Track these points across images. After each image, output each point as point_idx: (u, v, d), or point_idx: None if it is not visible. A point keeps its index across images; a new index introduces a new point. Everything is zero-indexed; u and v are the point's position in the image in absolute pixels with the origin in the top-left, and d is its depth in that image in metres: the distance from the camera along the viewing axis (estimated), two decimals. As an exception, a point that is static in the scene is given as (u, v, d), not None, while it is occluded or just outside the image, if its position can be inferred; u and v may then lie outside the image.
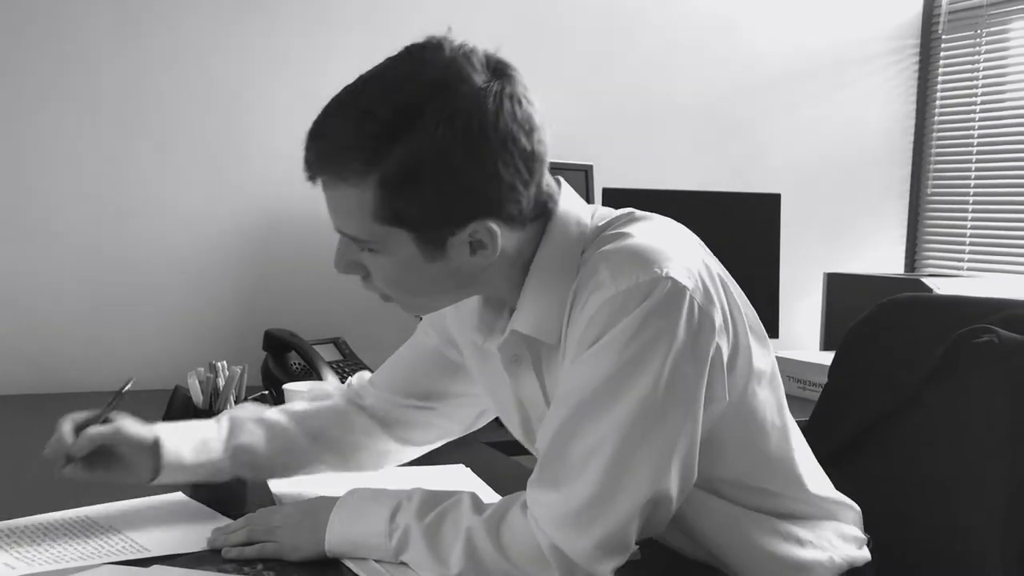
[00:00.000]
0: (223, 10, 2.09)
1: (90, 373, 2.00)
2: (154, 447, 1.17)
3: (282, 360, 1.83)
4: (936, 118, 2.96)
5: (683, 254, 1.00)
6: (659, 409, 0.95)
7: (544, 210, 1.05)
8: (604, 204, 1.20)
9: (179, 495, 1.27)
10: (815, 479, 1.15)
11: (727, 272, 1.09)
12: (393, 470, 1.45)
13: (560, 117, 2.05)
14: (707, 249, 1.09)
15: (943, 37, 2.93)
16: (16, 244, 1.96)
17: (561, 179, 1.09)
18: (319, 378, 1.74)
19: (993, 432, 1.23)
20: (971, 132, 2.86)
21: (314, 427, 1.29)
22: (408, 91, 0.96)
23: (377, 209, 0.97)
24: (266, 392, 1.59)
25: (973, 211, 2.86)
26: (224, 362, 1.43)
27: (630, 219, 1.07)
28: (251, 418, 1.27)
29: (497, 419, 1.80)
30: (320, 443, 1.29)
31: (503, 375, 1.13)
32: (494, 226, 0.99)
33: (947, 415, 1.29)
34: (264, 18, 2.13)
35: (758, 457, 1.09)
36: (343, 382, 1.63)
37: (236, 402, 1.41)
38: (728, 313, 1.02)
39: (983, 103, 2.84)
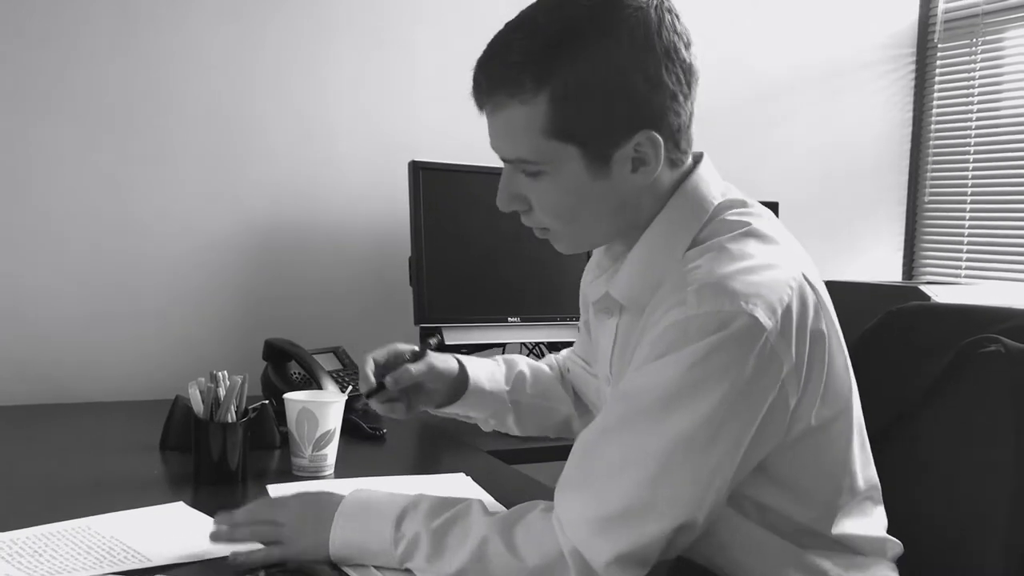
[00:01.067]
0: (221, 19, 2.09)
1: (90, 384, 2.00)
2: (459, 376, 1.33)
3: (282, 370, 1.83)
4: (933, 126, 2.97)
5: (777, 291, 0.98)
6: (707, 440, 0.94)
7: (683, 158, 1.08)
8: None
9: (180, 504, 1.28)
10: (859, 519, 1.11)
11: (832, 316, 1.06)
12: (393, 478, 1.46)
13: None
14: (815, 285, 1.04)
15: (939, 45, 2.94)
16: (15, 254, 1.96)
17: (704, 153, 1.12)
18: (319, 387, 1.74)
19: (997, 440, 1.23)
20: (967, 140, 2.87)
21: (569, 379, 1.44)
22: (575, 7, 0.99)
23: (548, 124, 1.00)
24: (266, 401, 1.59)
25: (970, 218, 2.87)
26: (225, 372, 1.43)
27: (746, 234, 1.04)
28: (520, 358, 1.43)
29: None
30: (568, 393, 1.41)
31: (596, 321, 1.20)
32: (657, 136, 1.01)
33: (952, 423, 1.28)
34: (262, 27, 2.13)
35: (801, 493, 1.07)
36: (343, 391, 1.63)
37: (236, 412, 1.42)
38: (804, 362, 0.99)
39: (979, 111, 2.85)
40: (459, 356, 1.37)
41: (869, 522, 1.13)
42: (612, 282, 1.11)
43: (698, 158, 1.12)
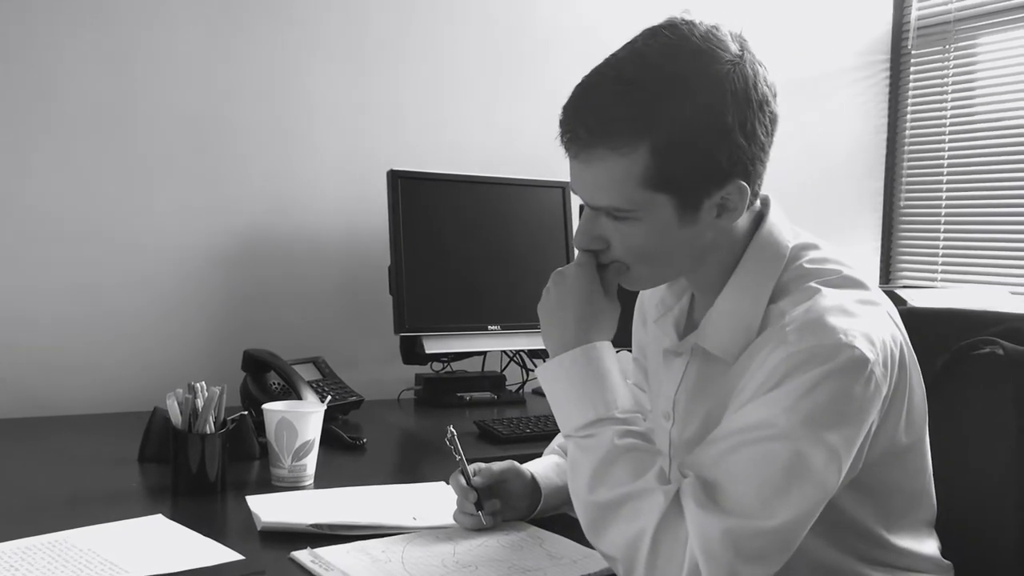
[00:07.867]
0: (203, 29, 2.09)
1: (67, 396, 1.99)
2: (532, 480, 1.28)
3: (261, 380, 1.83)
4: (907, 131, 3.00)
5: (873, 325, 1.02)
6: (815, 466, 0.96)
7: (756, 201, 1.09)
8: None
9: (158, 517, 1.27)
10: (922, 539, 1.16)
11: (912, 351, 1.10)
12: (374, 488, 1.45)
13: (538, 134, 2.06)
14: (898, 323, 1.09)
15: (912, 52, 2.98)
16: (-8, 268, 1.95)
17: (770, 196, 1.14)
18: (298, 397, 1.74)
19: (999, 443, 1.24)
20: (942, 144, 2.90)
21: None
22: (672, 60, 1.00)
23: (645, 175, 1.00)
24: (245, 412, 1.59)
25: (946, 222, 2.90)
26: (203, 383, 1.43)
27: (837, 281, 1.06)
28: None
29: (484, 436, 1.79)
30: None
31: (662, 361, 1.20)
32: (746, 185, 1.03)
33: (948, 426, 1.28)
34: (244, 37, 2.13)
35: (879, 499, 1.10)
36: (322, 401, 1.63)
37: (215, 423, 1.41)
38: (891, 391, 1.04)
39: (953, 116, 2.88)
40: (528, 464, 1.33)
41: (931, 543, 1.17)
42: (701, 334, 1.11)
43: (766, 201, 1.14)
